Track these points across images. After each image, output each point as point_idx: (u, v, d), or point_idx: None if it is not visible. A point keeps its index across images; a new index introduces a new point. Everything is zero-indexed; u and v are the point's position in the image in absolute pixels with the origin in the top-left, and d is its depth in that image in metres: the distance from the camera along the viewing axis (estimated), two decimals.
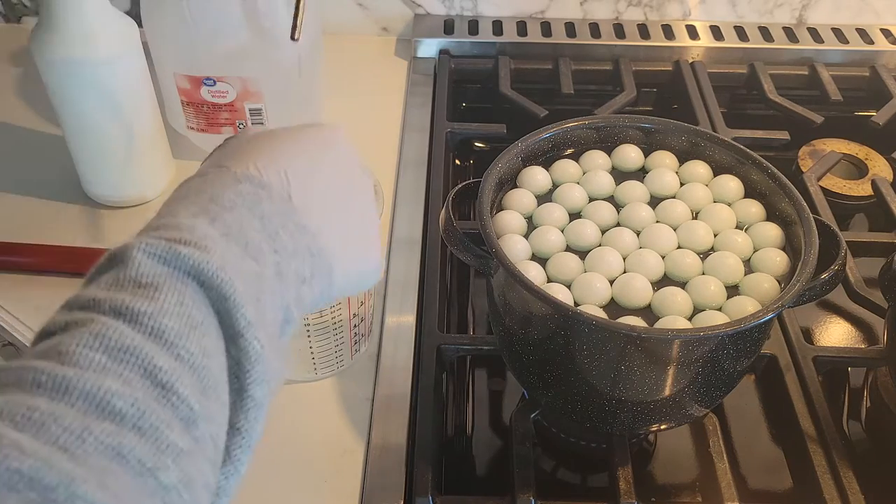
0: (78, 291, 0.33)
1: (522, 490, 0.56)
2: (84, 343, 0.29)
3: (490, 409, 0.68)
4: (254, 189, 0.38)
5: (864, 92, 0.96)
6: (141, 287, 0.32)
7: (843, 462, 0.59)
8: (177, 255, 0.33)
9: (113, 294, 0.31)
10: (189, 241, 0.33)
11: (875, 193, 0.82)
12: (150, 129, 0.76)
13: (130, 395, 0.28)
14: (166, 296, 0.32)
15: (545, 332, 0.53)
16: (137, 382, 0.29)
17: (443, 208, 0.58)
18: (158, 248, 0.33)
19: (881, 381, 0.68)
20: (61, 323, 0.31)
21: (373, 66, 0.97)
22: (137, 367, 0.29)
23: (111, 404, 0.28)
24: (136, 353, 0.30)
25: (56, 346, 0.29)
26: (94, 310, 0.31)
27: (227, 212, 0.36)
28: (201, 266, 0.33)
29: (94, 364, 0.29)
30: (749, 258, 0.56)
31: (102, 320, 0.30)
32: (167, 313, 0.31)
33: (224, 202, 0.36)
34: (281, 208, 0.38)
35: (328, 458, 0.60)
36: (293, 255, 0.38)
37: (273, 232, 0.37)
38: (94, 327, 0.30)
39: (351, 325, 0.62)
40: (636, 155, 0.63)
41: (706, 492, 0.61)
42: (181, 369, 0.30)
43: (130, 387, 0.29)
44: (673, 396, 0.53)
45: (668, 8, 1.01)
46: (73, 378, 0.28)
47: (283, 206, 0.39)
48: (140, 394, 0.29)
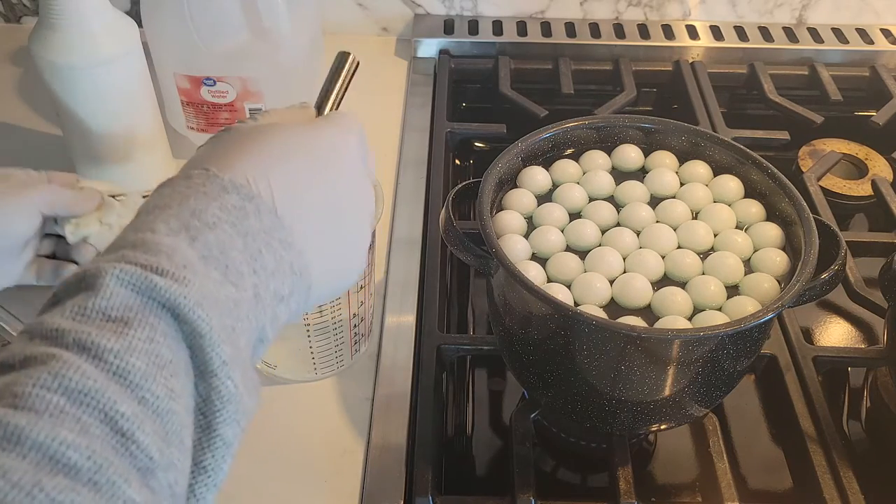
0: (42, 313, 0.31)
1: (522, 490, 0.56)
2: (42, 384, 0.27)
3: (490, 409, 0.68)
4: (241, 202, 0.36)
5: (864, 92, 0.96)
6: (110, 320, 0.30)
7: (843, 462, 0.59)
8: (152, 287, 0.31)
9: (78, 325, 0.30)
10: (166, 272, 0.32)
11: (875, 193, 0.82)
12: (150, 129, 0.76)
13: (87, 446, 0.27)
14: (136, 331, 0.30)
15: (545, 332, 0.53)
16: (96, 429, 0.27)
17: (443, 208, 0.58)
18: (133, 277, 0.31)
19: (881, 381, 0.68)
20: (20, 356, 0.29)
21: (373, 66, 0.97)
22: (98, 411, 0.28)
23: (66, 456, 0.26)
24: (98, 396, 0.28)
25: (11, 386, 0.27)
26: (58, 343, 0.29)
27: (209, 230, 0.34)
28: (177, 300, 0.31)
29: (50, 407, 0.27)
30: (749, 258, 0.56)
31: (64, 358, 0.28)
32: (135, 351, 0.29)
33: (207, 218, 0.35)
34: (267, 224, 0.37)
35: (328, 458, 0.60)
36: (273, 275, 0.37)
37: (255, 251, 0.36)
38: (55, 366, 0.28)
39: (351, 325, 0.62)
40: (636, 155, 0.63)
41: (706, 492, 0.61)
42: (144, 414, 0.29)
43: (87, 436, 0.27)
44: (673, 396, 0.53)
45: (668, 8, 1.01)
46: (25, 427, 0.26)
47: (270, 221, 0.37)
48: (97, 444, 0.27)
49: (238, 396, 0.33)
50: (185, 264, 0.33)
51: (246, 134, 0.40)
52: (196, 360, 0.32)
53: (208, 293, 0.33)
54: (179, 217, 0.34)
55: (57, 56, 0.66)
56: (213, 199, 0.36)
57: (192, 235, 0.34)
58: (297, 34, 0.76)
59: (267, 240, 0.36)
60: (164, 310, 0.31)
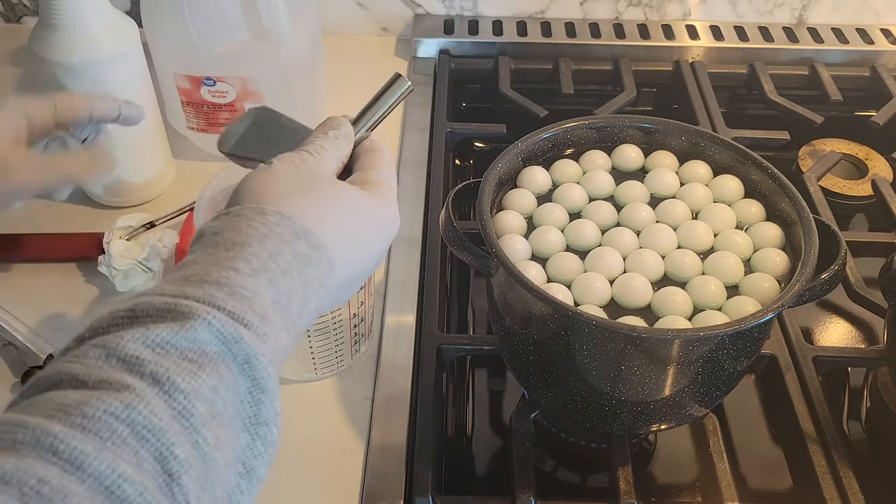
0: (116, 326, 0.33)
1: (522, 490, 0.56)
2: (112, 411, 0.29)
3: (490, 409, 0.68)
4: (308, 250, 0.39)
5: (864, 92, 0.96)
6: (186, 360, 0.32)
7: (843, 462, 0.59)
8: (237, 340, 0.33)
9: (158, 358, 0.32)
10: (250, 324, 0.34)
11: (875, 193, 0.82)
12: (150, 129, 0.76)
13: (141, 482, 0.28)
14: (206, 377, 0.32)
15: (545, 332, 0.53)
16: (148, 465, 0.29)
17: (443, 208, 0.58)
18: (223, 327, 0.33)
19: (881, 381, 0.68)
20: (96, 377, 0.31)
21: (373, 66, 0.97)
22: (155, 449, 0.30)
23: (121, 489, 0.28)
24: (159, 435, 0.30)
25: (83, 406, 0.29)
26: (134, 372, 0.31)
27: (282, 276, 0.37)
28: (256, 358, 0.34)
29: (114, 436, 0.29)
30: (749, 258, 0.56)
31: (138, 391, 0.30)
32: (200, 396, 0.32)
33: (281, 262, 0.37)
34: (322, 272, 0.40)
35: (328, 458, 0.60)
36: (312, 316, 0.40)
37: (308, 298, 0.39)
38: (127, 397, 0.30)
39: (351, 325, 0.62)
40: (636, 155, 0.63)
41: (706, 492, 0.61)
42: (193, 459, 0.31)
43: (141, 472, 0.29)
44: (673, 396, 0.53)
45: (668, 8, 1.01)
46: (90, 454, 0.28)
47: (325, 269, 0.40)
48: (149, 482, 0.29)
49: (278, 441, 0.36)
50: (264, 314, 0.35)
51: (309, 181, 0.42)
52: (252, 409, 0.34)
53: (275, 348, 0.36)
54: (259, 257, 0.37)
55: (57, 56, 0.67)
56: (287, 243, 0.38)
57: (270, 279, 0.37)
58: (297, 34, 0.76)
59: (317, 288, 0.39)
60: (235, 362, 0.34)
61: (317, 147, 0.45)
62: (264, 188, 0.41)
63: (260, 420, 0.35)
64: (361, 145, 0.48)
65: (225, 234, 0.38)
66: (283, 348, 0.37)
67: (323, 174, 0.44)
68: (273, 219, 0.39)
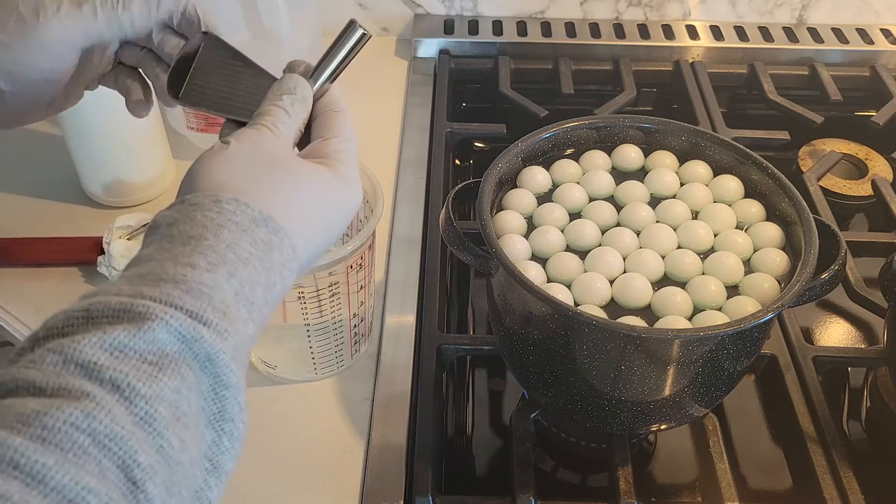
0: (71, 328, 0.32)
1: (522, 490, 0.56)
2: (72, 422, 0.29)
3: (490, 409, 0.68)
4: (268, 235, 0.38)
5: (864, 92, 0.96)
6: (146, 363, 0.31)
7: (843, 462, 0.59)
8: (197, 339, 0.33)
9: (116, 363, 0.31)
10: (210, 322, 0.33)
11: (875, 193, 0.82)
12: (150, 129, 0.76)
13: (105, 493, 0.28)
14: (167, 379, 0.31)
15: (545, 332, 0.53)
16: (112, 475, 0.29)
17: (443, 208, 0.58)
18: (181, 326, 0.32)
19: (881, 381, 0.68)
20: (55, 384, 0.30)
21: (373, 66, 0.97)
22: (118, 458, 0.29)
23: (85, 501, 0.27)
24: (121, 443, 0.29)
25: (42, 416, 0.28)
26: (93, 378, 0.30)
27: (242, 266, 0.36)
28: (217, 356, 0.33)
29: (76, 447, 0.28)
30: (749, 258, 0.56)
31: (98, 399, 0.29)
32: (162, 400, 0.31)
33: (240, 252, 0.36)
34: (286, 256, 0.39)
35: (328, 458, 0.60)
36: (277, 300, 0.39)
37: (272, 283, 0.38)
38: (87, 406, 0.29)
39: (351, 325, 0.62)
40: (636, 155, 0.63)
41: (706, 492, 0.61)
42: (158, 465, 0.30)
43: (105, 482, 0.28)
44: (673, 396, 0.53)
45: (668, 8, 1.01)
46: (51, 467, 0.27)
47: (288, 253, 0.39)
48: (114, 492, 0.28)
49: (244, 435, 0.35)
50: (225, 309, 0.35)
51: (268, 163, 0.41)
52: (216, 406, 0.34)
53: (240, 341, 0.35)
54: (216, 250, 0.36)
55: None
56: (245, 231, 0.37)
57: (230, 271, 0.36)
58: (297, 34, 0.76)
59: (281, 272, 0.39)
60: (196, 360, 0.33)
61: (274, 119, 0.43)
62: (221, 173, 0.40)
63: (225, 416, 0.34)
64: (321, 102, 0.46)
65: (180, 225, 0.37)
66: (250, 338, 0.36)
67: (282, 153, 0.42)
68: (230, 207, 0.37)
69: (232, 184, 0.39)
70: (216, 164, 0.40)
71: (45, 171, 0.81)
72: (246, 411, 0.35)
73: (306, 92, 0.45)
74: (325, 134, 0.44)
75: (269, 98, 0.44)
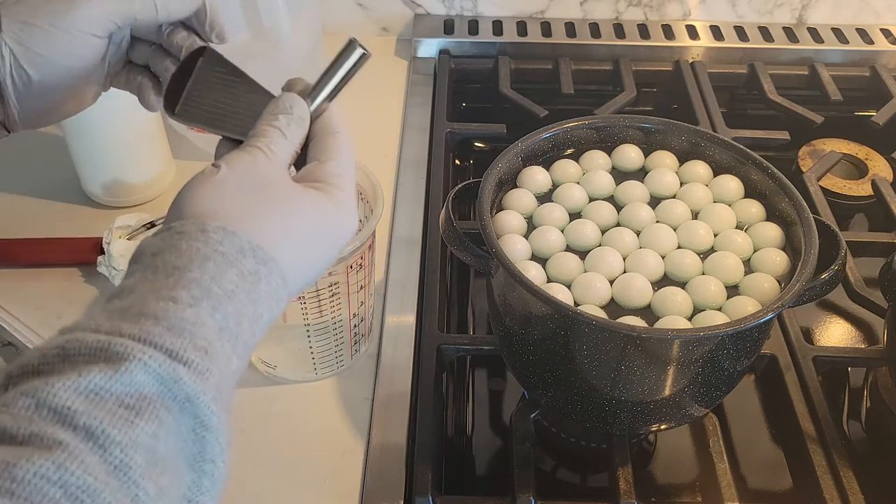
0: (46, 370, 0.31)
1: (522, 490, 0.56)
2: (42, 474, 0.27)
3: (490, 409, 0.68)
4: (255, 266, 0.37)
5: (864, 92, 0.96)
6: (122, 406, 0.30)
7: (843, 462, 0.59)
8: (175, 380, 0.32)
9: (91, 408, 0.30)
10: (190, 362, 0.32)
11: (875, 193, 0.82)
12: (150, 129, 0.76)
13: None
14: (144, 424, 0.30)
15: (545, 332, 0.53)
16: None
17: (443, 208, 0.58)
18: (160, 367, 0.31)
19: (881, 381, 0.68)
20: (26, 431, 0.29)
21: (373, 66, 0.97)
22: None
23: None
24: (94, 495, 0.28)
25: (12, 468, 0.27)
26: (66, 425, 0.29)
27: (227, 300, 0.35)
28: (197, 397, 0.32)
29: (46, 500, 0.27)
30: (749, 258, 0.56)
31: (70, 448, 0.28)
32: (139, 447, 0.30)
33: (226, 285, 0.35)
34: (274, 286, 0.38)
35: (328, 458, 0.60)
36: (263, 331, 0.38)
37: (259, 315, 0.37)
38: (59, 457, 0.28)
39: (351, 325, 0.62)
40: (636, 155, 0.63)
41: (706, 492, 0.61)
42: None
43: None
44: (673, 396, 0.53)
45: (668, 8, 1.01)
46: None
47: (276, 283, 0.38)
48: None
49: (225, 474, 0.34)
50: (207, 346, 0.33)
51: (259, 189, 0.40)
52: (196, 447, 0.33)
53: (222, 380, 0.34)
54: (200, 283, 0.35)
55: None
56: (231, 263, 0.36)
57: (214, 305, 0.35)
58: (297, 34, 0.76)
59: (269, 302, 0.37)
60: (175, 402, 0.32)
61: (269, 141, 0.42)
62: (210, 200, 0.38)
63: (205, 457, 0.33)
64: (319, 122, 0.45)
65: (165, 255, 0.35)
66: (234, 372, 0.35)
67: (275, 178, 0.40)
68: (216, 236, 0.36)
69: (221, 211, 0.38)
70: (205, 191, 0.39)
71: (45, 171, 0.81)
72: (228, 450, 0.34)
73: (303, 112, 0.44)
74: (321, 156, 0.43)
75: (265, 118, 0.43)
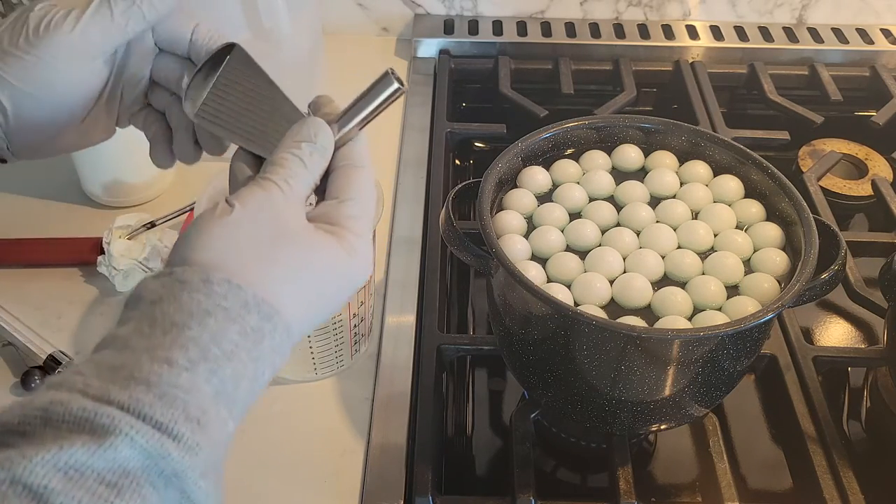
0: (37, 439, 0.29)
1: (522, 490, 0.56)
2: None
3: (490, 409, 0.68)
4: (259, 323, 0.35)
5: (864, 92, 0.96)
6: (103, 484, 0.29)
7: (843, 462, 0.59)
8: (163, 456, 0.30)
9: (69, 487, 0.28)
10: (180, 436, 0.31)
11: (875, 193, 0.82)
12: None
13: None
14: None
15: (545, 332, 0.53)
16: None
17: (443, 208, 0.58)
18: (147, 442, 0.30)
19: (881, 381, 0.68)
20: None
21: (373, 66, 0.97)
22: None
23: None
24: None
25: None
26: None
27: (226, 361, 0.34)
28: (185, 473, 0.31)
29: None
30: (749, 258, 0.56)
31: None
32: None
33: (226, 345, 0.34)
34: (278, 342, 0.36)
35: (328, 458, 0.60)
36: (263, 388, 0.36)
37: (261, 373, 0.35)
38: None
39: (351, 325, 0.62)
40: (636, 155, 0.63)
41: (706, 492, 0.61)
42: None
43: None
44: (673, 396, 0.53)
45: (668, 8, 1.01)
46: None
47: (281, 338, 0.36)
48: None
49: None
50: (200, 416, 0.32)
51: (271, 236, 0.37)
52: None
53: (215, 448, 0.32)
54: (199, 343, 0.33)
55: None
56: (234, 320, 0.34)
57: (211, 368, 0.33)
58: (297, 34, 0.76)
59: (272, 358, 0.36)
60: (161, 477, 0.30)
61: (288, 174, 0.39)
62: (217, 246, 0.36)
63: None
64: (343, 153, 0.42)
65: (164, 305, 0.34)
66: (229, 435, 0.34)
67: (289, 222, 0.38)
68: (220, 289, 0.34)
69: (228, 260, 0.36)
70: (214, 234, 0.37)
71: (45, 171, 0.81)
72: None
73: (327, 141, 0.41)
74: (341, 194, 0.41)
75: (287, 143, 0.41)
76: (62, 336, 0.67)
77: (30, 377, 0.62)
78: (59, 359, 0.63)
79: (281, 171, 0.39)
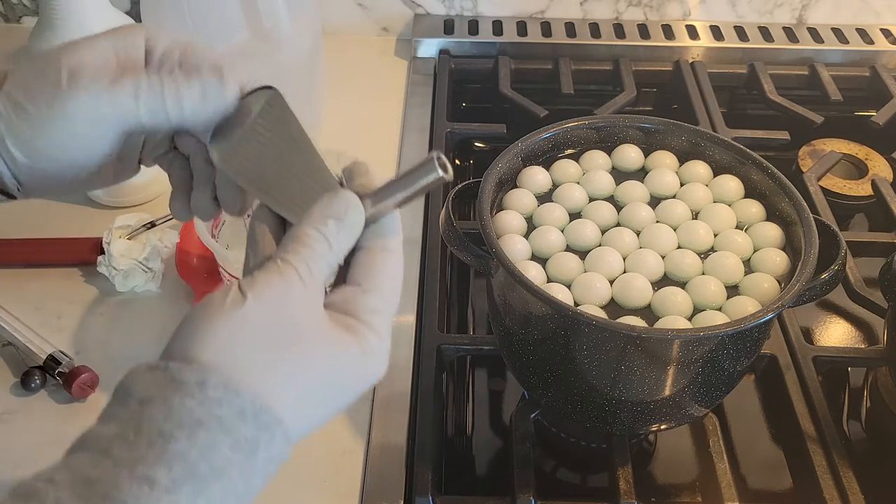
0: None
1: (522, 490, 0.56)
2: None
3: (490, 409, 0.68)
4: (255, 433, 0.32)
5: (864, 92, 0.96)
6: None
7: (843, 462, 0.59)
8: None
9: None
10: None
11: (875, 193, 0.82)
12: None
13: None
14: None
15: (545, 332, 0.53)
16: None
17: (443, 208, 0.58)
18: None
19: (881, 381, 0.68)
20: None
21: (373, 66, 0.97)
22: None
23: None
24: None
25: None
26: None
27: (215, 479, 0.31)
28: None
29: None
30: (749, 258, 0.56)
31: None
32: None
33: (216, 461, 0.31)
34: (275, 452, 0.33)
35: (328, 458, 0.60)
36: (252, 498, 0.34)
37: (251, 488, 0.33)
38: None
39: None
40: (636, 155, 0.63)
41: (706, 492, 0.61)
42: None
43: None
44: (673, 396, 0.53)
45: (668, 8, 1.01)
46: None
47: (279, 448, 0.33)
48: None
49: None
50: None
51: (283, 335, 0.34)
52: None
53: None
54: (186, 459, 0.30)
55: None
56: (227, 431, 0.31)
57: (197, 489, 0.30)
58: (297, 34, 0.76)
59: (267, 467, 0.33)
60: None
61: (310, 255, 0.36)
62: (222, 342, 0.33)
63: None
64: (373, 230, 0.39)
65: (153, 409, 0.31)
66: None
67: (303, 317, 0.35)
68: (216, 395, 0.31)
69: (230, 361, 0.33)
70: (219, 329, 0.33)
71: None
72: None
73: (357, 220, 0.38)
74: (365, 281, 0.38)
75: (314, 217, 0.37)
76: (62, 336, 0.67)
77: (30, 377, 0.62)
78: (58, 359, 0.63)
79: (303, 250, 0.36)
